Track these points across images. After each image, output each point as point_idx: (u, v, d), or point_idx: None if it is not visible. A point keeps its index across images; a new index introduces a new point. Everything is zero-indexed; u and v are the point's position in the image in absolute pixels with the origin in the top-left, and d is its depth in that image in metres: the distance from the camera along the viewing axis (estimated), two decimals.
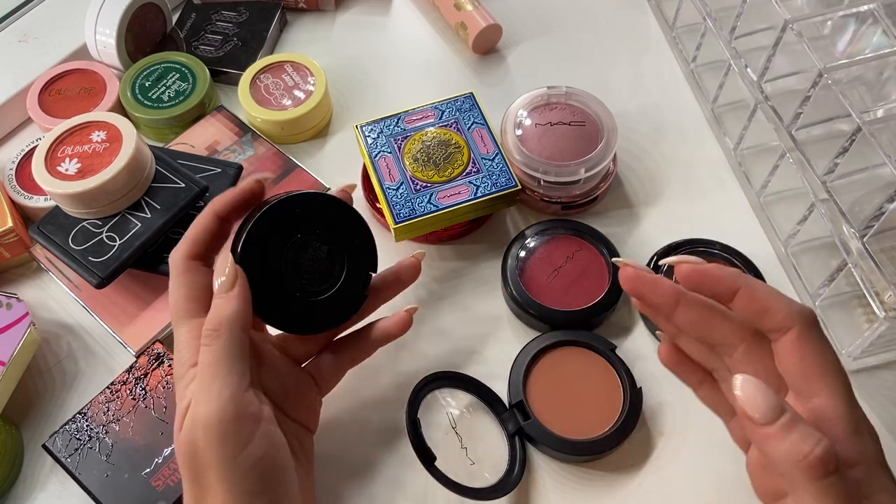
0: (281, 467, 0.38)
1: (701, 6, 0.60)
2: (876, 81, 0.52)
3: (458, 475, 0.45)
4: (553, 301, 0.53)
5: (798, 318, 0.33)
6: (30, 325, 0.51)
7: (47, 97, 0.64)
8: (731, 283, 0.34)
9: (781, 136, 0.53)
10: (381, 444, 0.50)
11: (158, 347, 0.52)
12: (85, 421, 0.49)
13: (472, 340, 0.54)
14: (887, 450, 0.40)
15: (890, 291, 0.45)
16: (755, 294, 0.34)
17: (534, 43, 0.71)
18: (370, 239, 0.45)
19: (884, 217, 0.45)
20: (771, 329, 0.34)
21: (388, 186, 0.55)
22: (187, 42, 0.69)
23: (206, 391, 0.37)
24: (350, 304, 0.45)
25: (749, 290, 0.34)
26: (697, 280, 0.35)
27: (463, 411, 0.50)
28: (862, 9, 0.51)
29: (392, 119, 0.58)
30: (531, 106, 0.59)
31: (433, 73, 0.70)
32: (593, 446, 0.47)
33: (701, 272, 0.35)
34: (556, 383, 0.50)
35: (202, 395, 0.37)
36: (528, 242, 0.55)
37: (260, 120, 0.63)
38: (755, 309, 0.34)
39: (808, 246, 0.55)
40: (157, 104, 0.63)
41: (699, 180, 0.61)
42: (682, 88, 0.67)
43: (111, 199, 0.53)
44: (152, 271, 0.54)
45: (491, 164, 0.56)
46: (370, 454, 0.49)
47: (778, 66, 0.53)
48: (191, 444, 0.36)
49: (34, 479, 0.50)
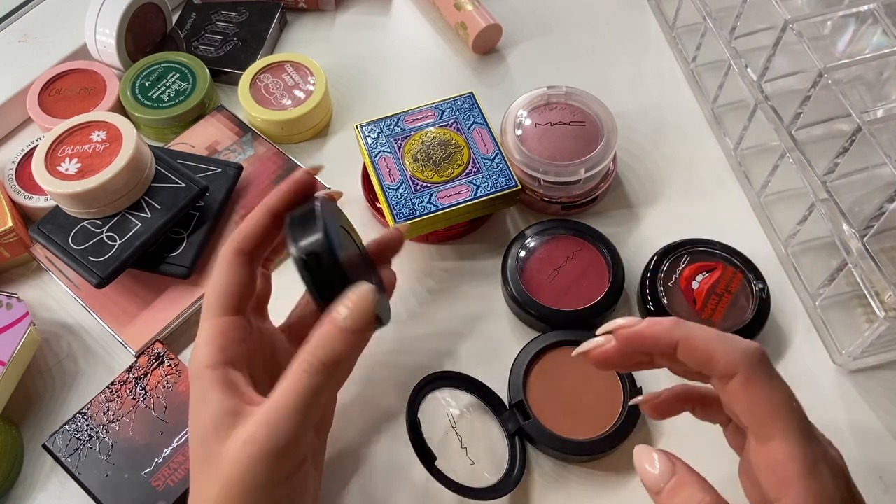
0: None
1: (701, 6, 0.60)
2: (876, 81, 0.52)
3: (458, 475, 0.45)
4: (553, 301, 0.53)
5: (741, 362, 0.31)
6: (30, 325, 0.51)
7: (47, 97, 0.64)
8: (669, 339, 0.33)
9: (781, 136, 0.53)
10: (381, 444, 0.50)
11: (158, 347, 0.52)
12: (85, 421, 0.49)
13: (472, 340, 0.54)
14: (888, 451, 0.40)
15: (890, 291, 0.45)
16: (693, 344, 0.33)
17: (534, 43, 0.71)
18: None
19: (884, 217, 0.45)
20: (716, 376, 0.33)
21: (388, 186, 0.55)
22: (187, 42, 0.69)
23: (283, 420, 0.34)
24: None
25: (687, 340, 0.33)
26: (637, 345, 0.34)
27: (463, 411, 0.50)
28: (862, 9, 0.51)
29: (392, 119, 0.58)
30: (531, 106, 0.59)
31: (433, 73, 0.70)
32: (593, 446, 0.47)
33: (633, 336, 0.34)
34: (556, 383, 0.50)
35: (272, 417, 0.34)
36: (528, 242, 0.55)
37: (260, 120, 0.63)
38: (698, 359, 0.33)
39: (808, 246, 0.55)
40: (157, 104, 0.63)
41: (699, 180, 0.61)
42: (682, 88, 0.67)
43: (111, 199, 0.53)
44: (152, 271, 0.54)
45: (491, 164, 0.56)
46: (370, 454, 0.49)
47: (778, 66, 0.53)
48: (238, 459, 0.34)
49: (34, 479, 0.50)
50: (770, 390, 0.31)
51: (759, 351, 0.32)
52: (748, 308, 0.52)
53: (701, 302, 0.52)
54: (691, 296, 0.52)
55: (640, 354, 0.35)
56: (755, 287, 0.52)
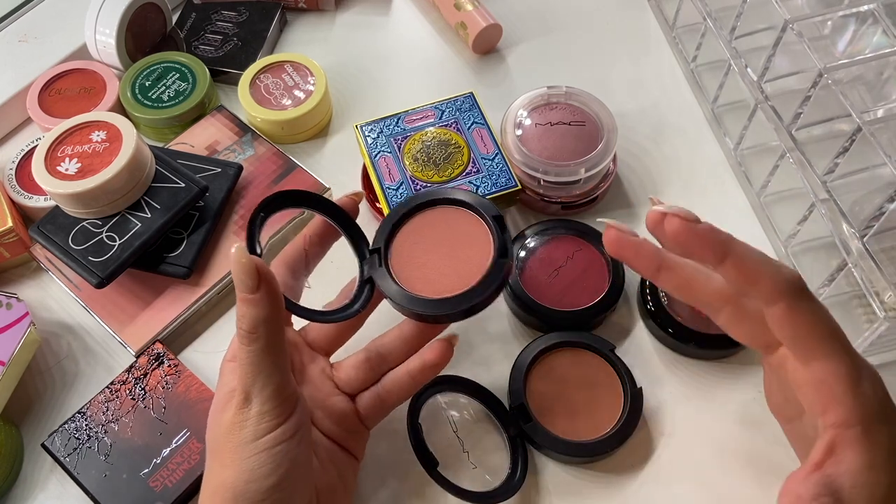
0: (300, 474, 0.39)
1: (701, 6, 0.60)
2: (876, 81, 0.52)
3: (460, 480, 0.45)
4: (553, 301, 0.53)
5: (787, 291, 0.33)
6: (30, 325, 0.51)
7: (47, 97, 0.64)
8: (720, 251, 0.33)
9: (781, 136, 0.53)
10: (383, 450, 0.49)
11: (158, 347, 0.52)
12: (84, 420, 0.49)
13: (472, 341, 0.54)
14: None
15: (890, 291, 0.45)
16: (744, 265, 0.33)
17: (534, 43, 0.71)
18: (355, 225, 0.47)
19: (884, 217, 0.45)
20: (760, 298, 0.33)
21: (388, 186, 0.55)
22: (187, 42, 0.69)
23: (249, 386, 0.38)
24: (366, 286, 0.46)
25: (737, 259, 0.33)
26: (685, 241, 0.34)
27: (464, 415, 0.50)
28: (862, 9, 0.51)
29: (392, 119, 0.58)
30: (531, 106, 0.59)
31: (433, 73, 0.70)
32: (595, 447, 0.47)
33: (690, 234, 0.34)
34: (557, 385, 0.50)
35: (244, 390, 0.38)
36: (528, 242, 0.55)
37: (260, 120, 0.63)
38: (743, 279, 0.33)
39: (808, 246, 0.55)
40: (157, 104, 0.63)
41: (699, 180, 0.61)
42: (682, 88, 0.67)
43: (111, 199, 0.53)
44: (152, 271, 0.54)
45: (491, 164, 0.56)
46: (371, 461, 0.49)
47: (778, 66, 0.53)
48: (226, 428, 0.38)
49: (34, 478, 0.50)
50: (812, 315, 0.33)
51: (801, 280, 0.33)
52: None
53: None
54: None
55: (653, 263, 0.36)
56: None
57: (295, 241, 0.46)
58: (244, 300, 0.37)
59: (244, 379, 0.38)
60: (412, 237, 0.46)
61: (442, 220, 0.46)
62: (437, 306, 0.42)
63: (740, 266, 0.33)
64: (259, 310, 0.37)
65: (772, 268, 0.33)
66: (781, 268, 0.33)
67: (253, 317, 0.37)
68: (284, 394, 0.38)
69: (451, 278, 0.44)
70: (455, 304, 0.42)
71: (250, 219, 0.42)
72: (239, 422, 0.38)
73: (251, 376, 0.37)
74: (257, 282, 0.37)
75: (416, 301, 0.43)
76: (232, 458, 0.38)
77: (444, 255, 0.45)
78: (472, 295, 0.42)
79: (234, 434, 0.38)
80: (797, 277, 0.33)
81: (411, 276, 0.44)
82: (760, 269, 0.33)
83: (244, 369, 0.38)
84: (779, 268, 0.33)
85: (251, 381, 0.37)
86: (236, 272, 0.37)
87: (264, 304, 0.37)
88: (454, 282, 0.43)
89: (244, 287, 0.37)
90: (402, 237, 0.46)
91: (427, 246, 0.45)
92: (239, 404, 0.38)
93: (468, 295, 0.42)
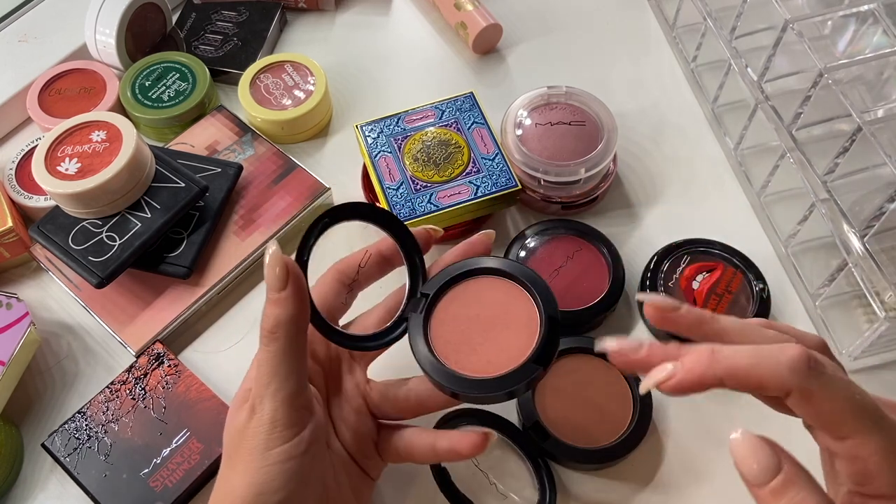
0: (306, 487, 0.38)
1: (701, 6, 0.60)
2: (876, 81, 0.52)
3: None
4: None
5: (791, 381, 0.29)
6: (30, 324, 0.51)
7: (47, 97, 0.64)
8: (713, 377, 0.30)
9: (782, 136, 0.53)
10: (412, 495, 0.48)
11: (158, 347, 0.52)
12: (84, 420, 0.49)
13: None
14: None
15: (890, 291, 0.45)
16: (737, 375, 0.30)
17: (534, 43, 0.71)
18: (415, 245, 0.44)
19: (884, 217, 0.45)
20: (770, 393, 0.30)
21: (388, 186, 0.55)
22: (187, 42, 0.69)
23: (263, 388, 0.37)
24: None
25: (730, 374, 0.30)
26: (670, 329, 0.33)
27: None
28: (862, 9, 0.51)
29: (392, 119, 0.58)
30: (531, 106, 0.59)
31: (433, 73, 0.69)
32: (615, 450, 0.47)
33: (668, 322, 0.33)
34: (566, 395, 0.49)
35: (258, 392, 0.38)
36: (528, 242, 0.55)
37: (260, 120, 0.63)
38: (747, 388, 0.31)
39: (809, 246, 0.55)
40: (157, 104, 0.63)
41: (699, 180, 0.61)
42: (682, 88, 0.67)
43: (111, 199, 0.53)
44: (152, 271, 0.54)
45: (491, 163, 0.56)
46: None
47: (778, 66, 0.53)
48: (239, 430, 0.38)
49: (34, 478, 0.50)
50: (829, 394, 0.30)
51: (803, 359, 0.29)
52: (748, 308, 0.52)
53: (701, 302, 0.52)
54: (692, 296, 0.52)
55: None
56: (755, 287, 0.52)
57: (352, 256, 0.44)
58: (270, 299, 0.37)
59: (259, 380, 0.37)
60: (465, 297, 0.43)
61: (502, 294, 0.43)
62: (453, 381, 0.40)
63: (735, 377, 0.30)
64: (282, 310, 0.37)
65: (769, 363, 0.30)
66: (780, 356, 0.29)
67: (275, 316, 0.37)
68: (298, 401, 0.37)
69: (480, 359, 0.41)
70: (470, 386, 0.40)
71: (313, 221, 0.40)
72: (252, 427, 0.37)
73: (266, 377, 0.37)
74: (285, 281, 0.37)
75: (435, 368, 0.40)
76: (244, 466, 0.37)
77: (483, 332, 0.42)
78: (486, 386, 0.40)
79: (247, 439, 0.37)
80: (798, 357, 0.29)
81: (443, 336, 0.42)
82: (754, 372, 0.30)
83: (260, 370, 0.37)
84: (777, 358, 0.29)
85: (266, 382, 0.37)
86: (266, 268, 0.37)
87: (288, 304, 0.37)
88: (481, 364, 0.40)
89: (271, 284, 0.37)
90: (455, 293, 0.43)
91: (474, 313, 0.42)
92: (252, 406, 0.37)
93: (484, 384, 0.40)
